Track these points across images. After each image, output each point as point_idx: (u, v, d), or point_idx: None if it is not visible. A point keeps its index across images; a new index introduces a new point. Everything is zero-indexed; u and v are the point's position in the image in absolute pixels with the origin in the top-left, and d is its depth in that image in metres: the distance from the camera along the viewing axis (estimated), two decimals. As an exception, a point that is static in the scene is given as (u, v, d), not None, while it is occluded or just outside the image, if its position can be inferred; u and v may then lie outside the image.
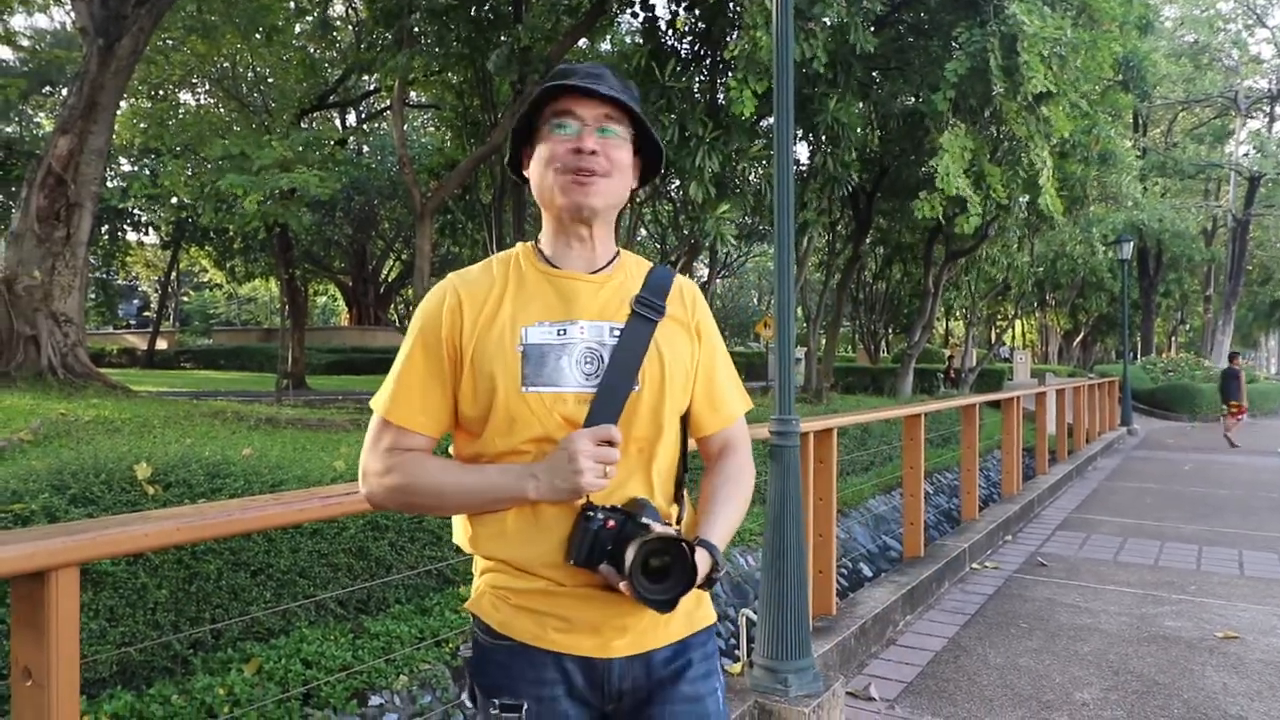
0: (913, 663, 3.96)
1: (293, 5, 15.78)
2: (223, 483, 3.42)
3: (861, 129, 10.94)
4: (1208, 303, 33.05)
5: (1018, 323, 34.44)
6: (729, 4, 10.58)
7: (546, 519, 1.26)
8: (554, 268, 1.34)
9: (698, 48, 11.76)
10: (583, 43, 13.62)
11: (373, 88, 20.21)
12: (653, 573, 1.15)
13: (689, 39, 11.93)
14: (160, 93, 18.41)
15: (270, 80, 19.31)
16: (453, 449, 1.35)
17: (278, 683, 2.90)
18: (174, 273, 34.59)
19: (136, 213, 24.94)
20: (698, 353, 1.38)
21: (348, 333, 33.30)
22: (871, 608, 4.24)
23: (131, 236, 27.89)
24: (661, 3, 34.60)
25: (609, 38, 15.37)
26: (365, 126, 25.26)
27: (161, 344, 31.94)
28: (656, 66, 10.09)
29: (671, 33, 11.82)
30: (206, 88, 20.13)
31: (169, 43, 16.33)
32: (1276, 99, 29.84)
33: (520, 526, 1.28)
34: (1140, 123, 26.03)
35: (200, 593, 3.09)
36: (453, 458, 1.34)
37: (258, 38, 15.60)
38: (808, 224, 11.29)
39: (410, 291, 24.65)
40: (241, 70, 18.87)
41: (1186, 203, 28.87)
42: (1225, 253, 29.43)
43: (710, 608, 1.41)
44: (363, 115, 24.85)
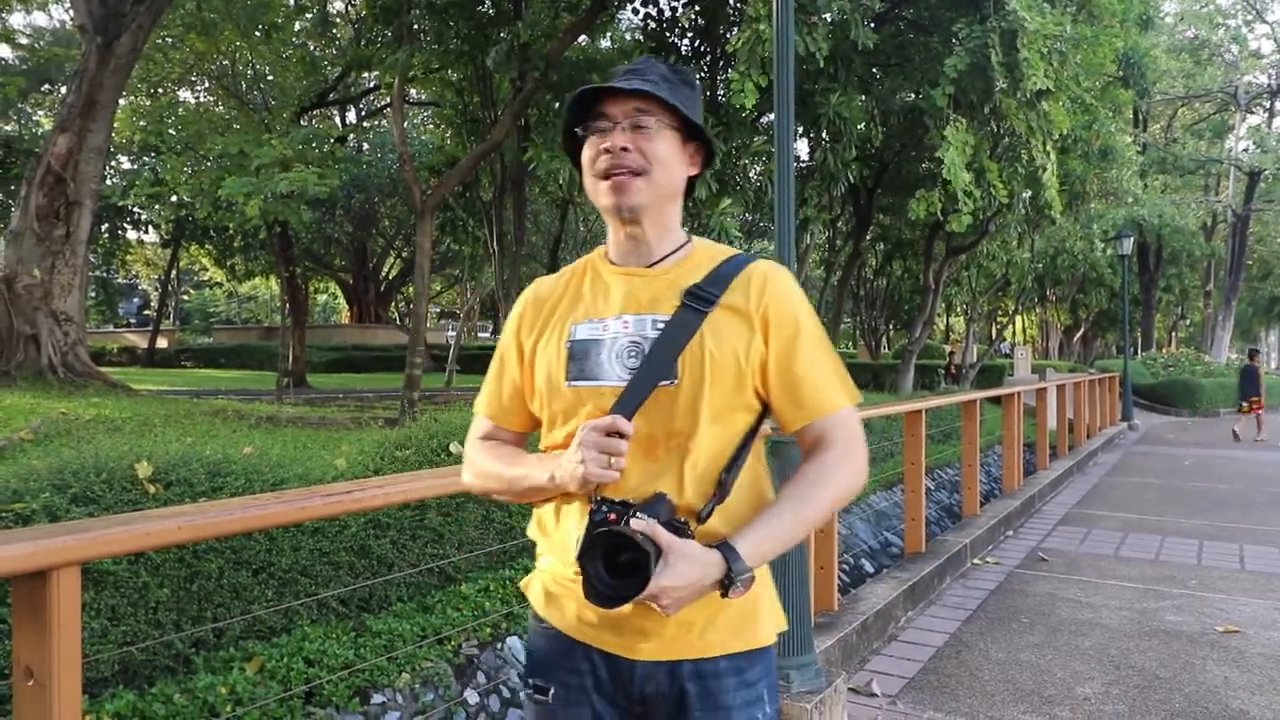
0: (914, 658, 3.97)
1: (292, 2, 15.76)
2: (224, 481, 3.42)
3: (863, 125, 10.92)
4: (1208, 298, 33.06)
5: (1018, 318, 34.40)
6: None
7: (574, 511, 1.29)
8: (614, 265, 1.37)
9: (698, 44, 11.75)
10: (583, 40, 13.59)
11: (372, 85, 20.18)
12: (620, 567, 1.12)
13: (689, 35, 11.91)
14: (159, 90, 18.40)
15: (270, 78, 19.29)
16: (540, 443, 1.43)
17: (280, 681, 2.90)
18: (174, 271, 34.61)
19: (136, 211, 24.93)
20: (760, 344, 1.29)
21: (348, 330, 33.32)
22: (873, 604, 4.24)
23: (131, 235, 27.91)
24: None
25: (609, 35, 15.34)
26: (365, 124, 25.24)
27: (162, 342, 31.97)
28: (656, 63, 10.05)
29: (672, 30, 11.80)
30: (206, 85, 20.11)
31: (168, 40, 16.33)
32: (1276, 94, 29.81)
33: (554, 517, 1.33)
34: (1140, 118, 25.99)
35: (202, 591, 3.09)
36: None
37: (257, 35, 15.57)
38: (808, 220, 11.27)
39: (411, 289, 24.62)
40: (241, 68, 18.85)
41: (1186, 198, 28.87)
42: (1225, 248, 29.42)
43: (764, 629, 1.31)
44: (363, 113, 24.83)
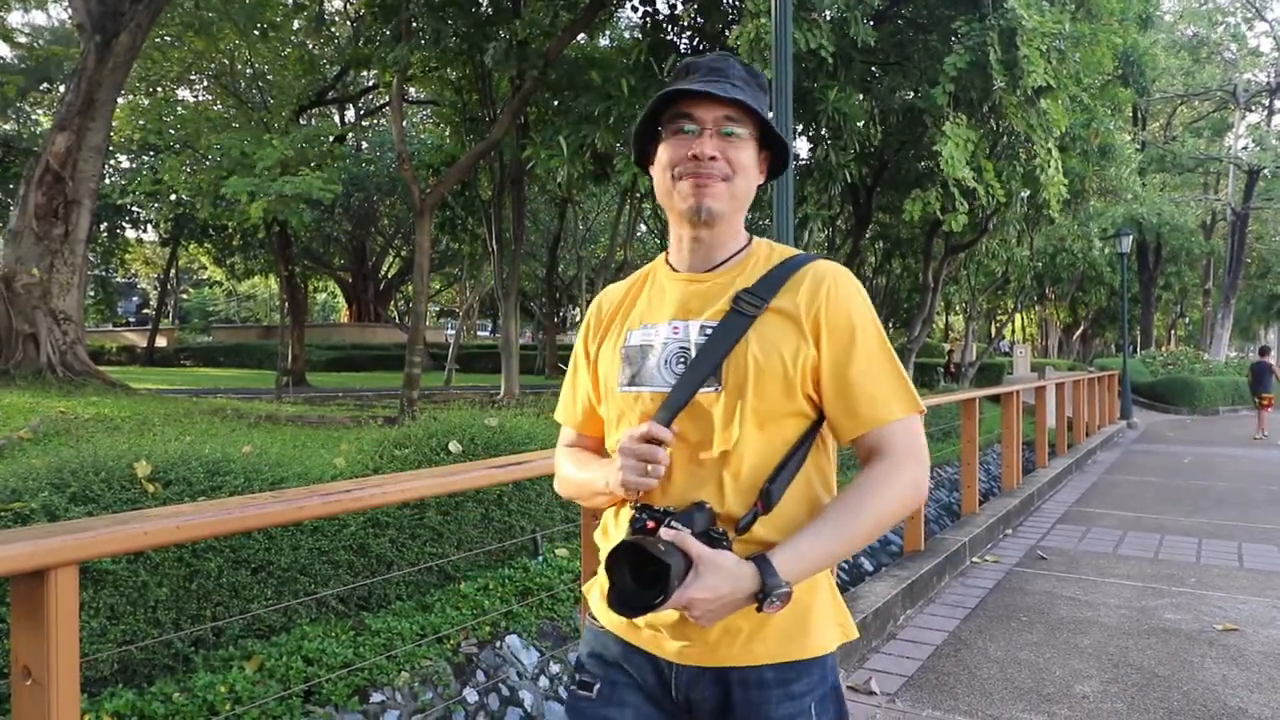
0: (913, 657, 3.97)
1: (290, 1, 15.74)
2: (223, 480, 3.42)
3: (863, 123, 10.91)
4: (1207, 296, 33.08)
5: (1017, 317, 34.43)
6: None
7: (623, 517, 1.31)
8: (673, 270, 1.38)
9: (697, 42, 11.74)
10: (582, 37, 13.58)
11: (371, 84, 20.17)
12: (648, 577, 1.10)
13: (689, 33, 11.90)
14: (158, 89, 18.38)
15: (268, 76, 19.27)
16: None
17: (279, 680, 2.91)
18: (173, 270, 34.60)
19: (135, 209, 24.91)
20: (810, 350, 1.24)
21: (347, 329, 33.32)
22: (872, 602, 4.24)
23: (130, 233, 27.89)
24: (660, -3, 34.49)
25: (608, 32, 15.33)
26: (364, 123, 25.22)
27: (161, 341, 31.96)
28: (656, 61, 10.06)
29: (672, 27, 11.79)
30: (204, 84, 20.09)
31: (166, 39, 16.30)
32: (1275, 92, 29.79)
33: (615, 523, 1.36)
34: (1139, 116, 25.99)
35: (201, 590, 3.10)
36: None
37: (255, 34, 15.57)
38: (807, 218, 11.27)
39: (410, 288, 24.61)
40: (239, 66, 18.83)
41: (1185, 196, 28.90)
42: (1224, 246, 29.42)
43: (817, 640, 1.26)
44: (361, 111, 24.80)
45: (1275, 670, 3.76)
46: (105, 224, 25.06)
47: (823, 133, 10.78)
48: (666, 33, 11.72)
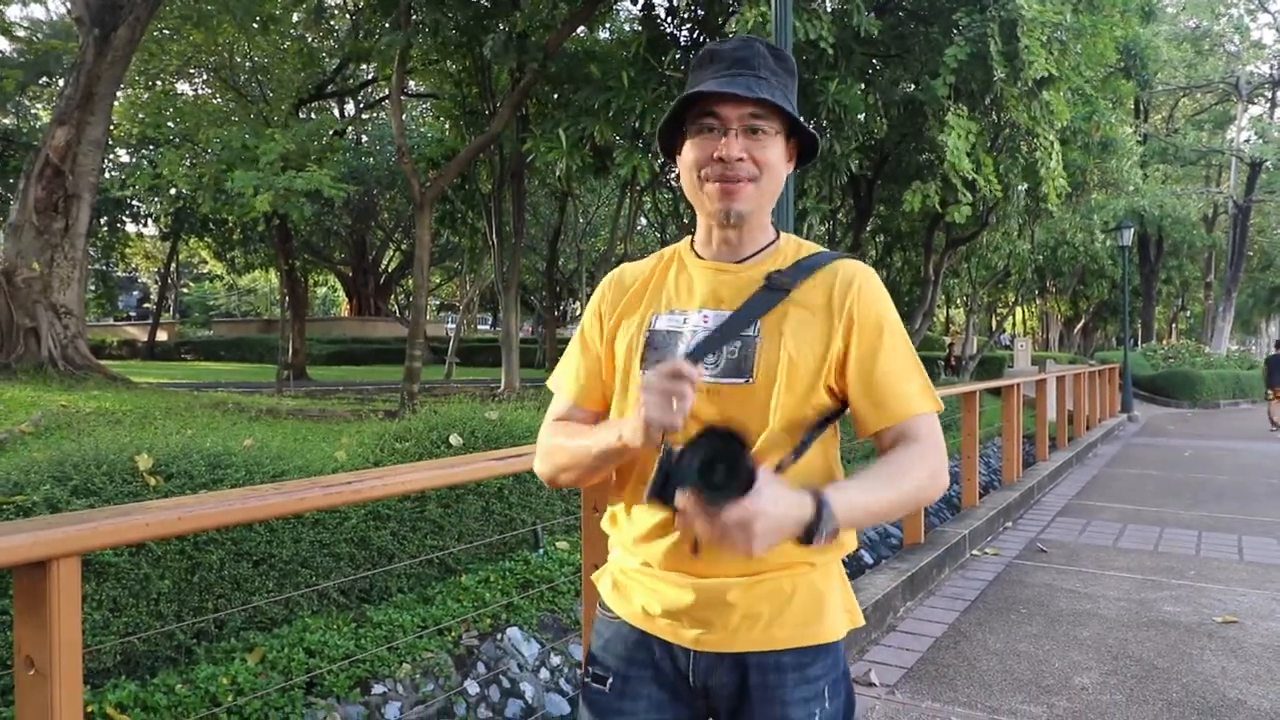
0: (913, 649, 3.98)
1: (289, -6, 15.70)
2: (224, 473, 3.42)
3: (864, 115, 10.89)
4: (1208, 289, 33.05)
5: (1018, 310, 34.41)
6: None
7: (644, 506, 1.27)
8: (700, 259, 1.37)
9: (697, 35, 11.70)
10: (581, 30, 13.54)
11: (371, 77, 20.13)
12: (715, 486, 1.03)
13: (688, 26, 11.87)
14: (157, 83, 18.36)
15: (268, 70, 19.24)
16: None
17: (281, 672, 2.92)
18: (173, 264, 34.62)
19: (135, 204, 24.89)
20: (839, 344, 1.27)
21: (348, 323, 33.35)
22: (872, 594, 4.25)
23: (131, 228, 27.85)
24: (660, -10, 34.38)
25: (608, 25, 15.28)
26: (364, 116, 25.18)
27: (162, 335, 32.01)
28: (654, 55, 10.02)
29: (671, 20, 11.75)
30: (204, 77, 20.06)
31: (165, 32, 16.27)
32: (1278, 85, 29.72)
33: (626, 510, 1.34)
34: (1141, 109, 25.92)
35: (203, 583, 3.11)
36: None
37: (254, 27, 15.54)
38: (807, 211, 11.26)
39: (410, 281, 24.58)
40: (239, 60, 18.80)
41: (1187, 189, 28.83)
42: (1226, 239, 29.38)
43: (830, 625, 1.30)
44: (361, 105, 24.76)
45: (1274, 662, 3.78)
46: (105, 218, 25.03)
47: (823, 124, 10.76)
48: (666, 25, 11.68)
